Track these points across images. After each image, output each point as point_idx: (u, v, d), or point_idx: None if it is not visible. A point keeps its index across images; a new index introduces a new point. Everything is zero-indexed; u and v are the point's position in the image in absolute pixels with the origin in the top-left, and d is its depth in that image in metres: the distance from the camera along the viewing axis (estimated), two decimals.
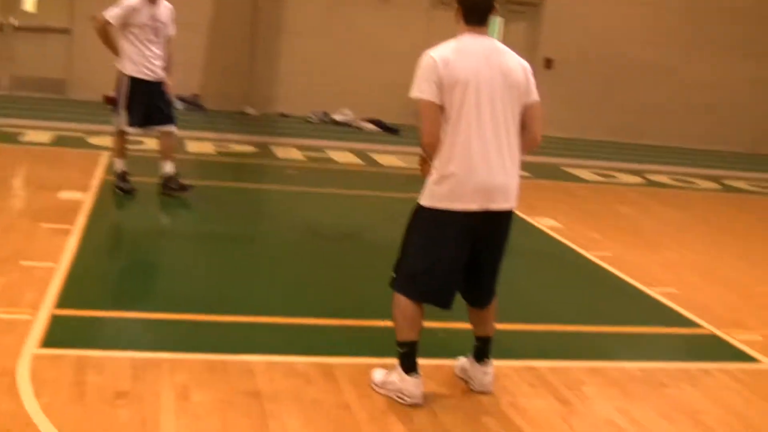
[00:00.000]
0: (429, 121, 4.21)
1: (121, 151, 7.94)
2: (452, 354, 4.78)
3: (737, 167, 14.35)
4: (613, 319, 5.99)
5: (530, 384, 4.74)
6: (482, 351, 4.57)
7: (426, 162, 4.36)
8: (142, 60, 7.69)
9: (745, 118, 16.83)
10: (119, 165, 7.96)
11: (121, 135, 7.90)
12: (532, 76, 4.39)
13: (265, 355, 4.70)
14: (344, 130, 13.96)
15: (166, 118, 7.89)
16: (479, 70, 4.19)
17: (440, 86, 4.16)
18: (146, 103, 7.73)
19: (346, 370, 4.63)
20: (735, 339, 5.78)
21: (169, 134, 7.96)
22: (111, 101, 8.22)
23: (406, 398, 4.30)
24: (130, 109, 7.71)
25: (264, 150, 11.40)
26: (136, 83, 7.68)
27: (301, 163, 10.78)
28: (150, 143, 9.30)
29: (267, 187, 9.24)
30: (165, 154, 7.99)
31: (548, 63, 16.00)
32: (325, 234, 7.58)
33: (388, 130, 14.35)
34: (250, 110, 14.52)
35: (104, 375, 4.27)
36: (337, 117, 14.70)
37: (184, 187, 7.97)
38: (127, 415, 3.90)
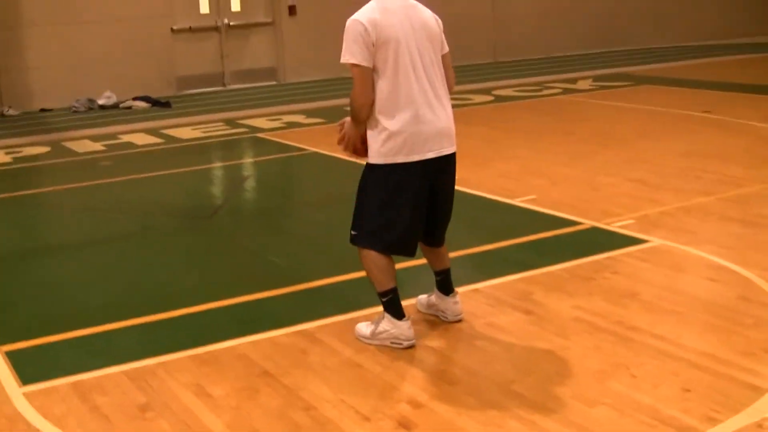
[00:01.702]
0: (362, 84, 4.42)
1: None
2: (408, 293, 5.04)
3: (495, 77, 15.35)
4: (506, 234, 6.46)
5: (488, 304, 5.14)
6: (447, 283, 4.89)
7: (352, 137, 4.54)
8: None
9: (486, 30, 17.85)
10: None
11: None
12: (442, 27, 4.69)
13: (243, 338, 4.79)
14: (116, 113, 13.56)
15: None
16: (404, 26, 4.44)
17: (372, 47, 4.36)
18: None
19: (326, 332, 4.82)
20: (614, 227, 6.44)
21: None
22: None
23: (403, 342, 4.56)
24: None
25: (58, 148, 10.94)
26: None
27: (105, 153, 10.48)
28: None
29: (96, 182, 8.92)
30: None
31: (292, 10, 16.19)
32: (193, 214, 7.53)
33: (160, 104, 14.11)
34: (11, 111, 13.76)
35: (111, 394, 4.22)
36: (102, 101, 14.25)
37: None
38: (167, 425, 3.91)
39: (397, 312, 4.59)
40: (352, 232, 4.66)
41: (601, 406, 3.87)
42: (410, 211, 4.52)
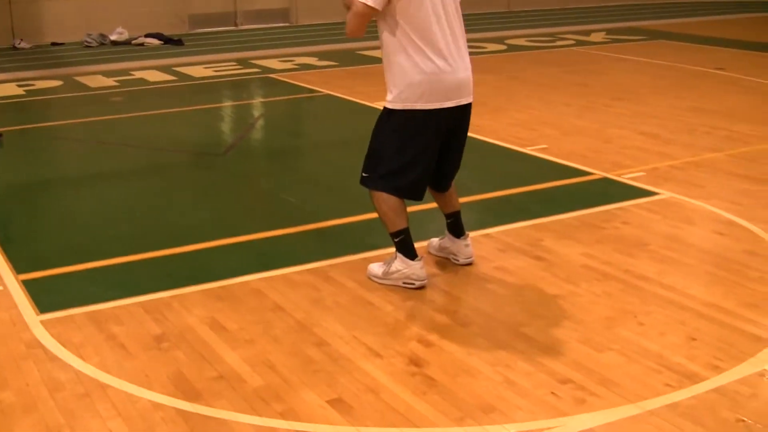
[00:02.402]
0: (359, 24, 4.45)
1: None
2: (419, 236, 5.08)
3: (509, 27, 15.28)
4: (517, 181, 6.51)
5: (498, 249, 5.20)
6: (458, 225, 4.96)
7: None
8: None
9: None
10: None
11: None
12: None
13: (257, 274, 4.86)
14: (128, 49, 13.53)
15: None
16: None
17: None
18: None
19: (338, 271, 4.89)
20: (624, 179, 6.49)
21: None
22: None
23: (415, 282, 4.64)
24: None
25: (70, 82, 10.96)
26: None
27: (117, 88, 10.50)
28: None
29: (110, 117, 8.97)
30: None
31: None
32: (206, 151, 7.60)
33: (172, 42, 14.07)
34: (22, 44, 13.74)
35: (127, 325, 4.30)
36: (114, 37, 14.21)
37: None
38: (183, 355, 3.99)
39: (409, 252, 4.65)
40: (364, 174, 4.70)
41: (609, 351, 3.95)
42: (424, 158, 4.57)
